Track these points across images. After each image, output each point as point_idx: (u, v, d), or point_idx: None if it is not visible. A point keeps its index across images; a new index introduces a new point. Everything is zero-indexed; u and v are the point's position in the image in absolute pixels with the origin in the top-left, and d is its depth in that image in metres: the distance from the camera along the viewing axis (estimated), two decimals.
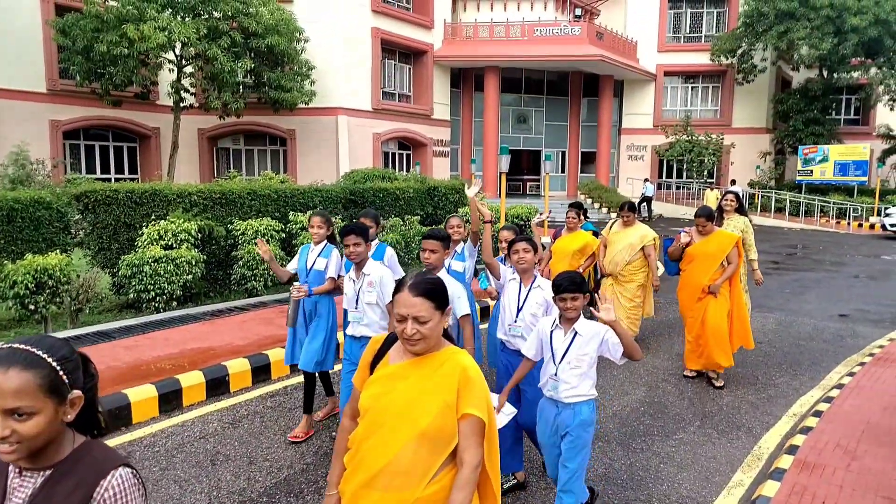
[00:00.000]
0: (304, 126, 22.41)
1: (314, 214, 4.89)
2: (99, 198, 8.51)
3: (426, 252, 4.05)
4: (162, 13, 15.99)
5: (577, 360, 3.25)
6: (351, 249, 4.08)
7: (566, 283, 3.24)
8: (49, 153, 18.14)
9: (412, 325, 2.01)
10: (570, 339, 3.28)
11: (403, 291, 2.05)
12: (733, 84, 29.68)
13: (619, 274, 7.00)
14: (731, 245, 5.95)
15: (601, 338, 3.23)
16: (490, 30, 26.77)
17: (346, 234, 4.09)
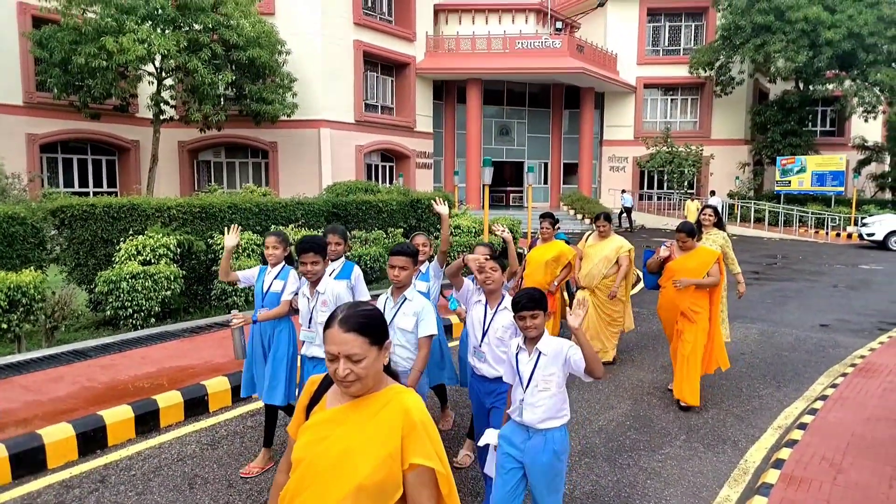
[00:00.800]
0: (286, 138, 22.29)
1: (268, 234, 4.65)
2: (75, 213, 8.36)
3: (395, 269, 3.82)
4: (141, 25, 15.82)
5: (544, 382, 3.11)
6: (309, 268, 3.94)
7: (525, 300, 3.10)
8: (25, 167, 17.84)
9: (345, 365, 1.79)
10: (535, 360, 3.14)
11: (333, 327, 1.82)
12: (712, 96, 30.11)
13: (597, 288, 6.91)
14: (713, 262, 5.78)
15: (564, 356, 3.10)
16: (472, 43, 26.92)
17: (304, 251, 3.91)
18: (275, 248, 4.59)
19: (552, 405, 3.12)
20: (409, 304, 3.79)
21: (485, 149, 28.10)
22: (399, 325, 3.76)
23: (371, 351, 1.82)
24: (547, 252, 6.99)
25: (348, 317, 1.83)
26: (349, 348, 1.79)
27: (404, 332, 3.77)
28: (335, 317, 1.84)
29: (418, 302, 3.78)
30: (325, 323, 1.85)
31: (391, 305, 3.84)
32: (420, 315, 3.72)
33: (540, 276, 6.86)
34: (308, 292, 4.12)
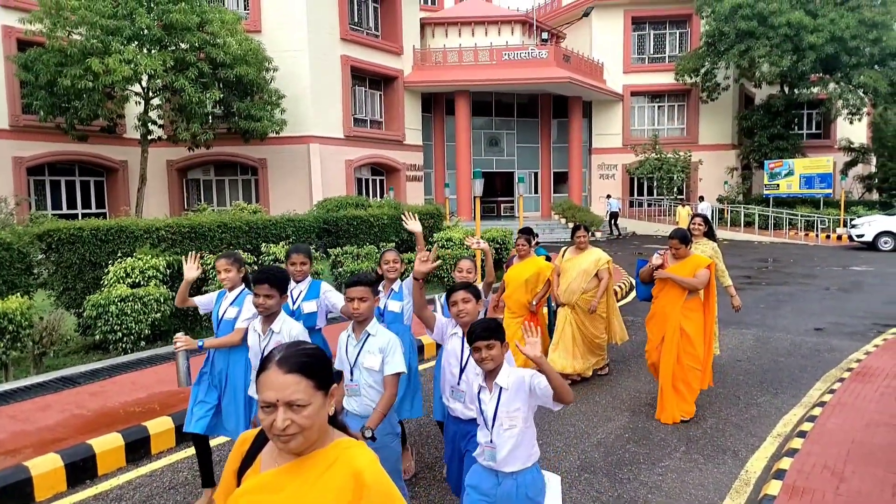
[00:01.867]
0: (275, 155, 22.24)
1: (219, 256, 4.26)
2: (62, 236, 8.26)
3: (353, 302, 3.38)
4: (127, 46, 15.78)
5: (509, 420, 2.84)
6: (261, 301, 3.55)
7: (479, 330, 2.85)
8: (12, 190, 17.69)
9: (284, 415, 1.50)
10: (497, 396, 2.88)
11: (270, 368, 1.54)
12: (698, 102, 30.34)
13: (577, 304, 6.65)
14: (702, 267, 5.59)
15: (528, 386, 2.82)
16: (459, 55, 27.04)
17: (258, 282, 3.56)
18: (227, 271, 4.21)
19: (520, 444, 2.87)
20: (373, 340, 3.40)
21: (474, 160, 28.15)
22: (365, 364, 3.36)
23: (316, 397, 1.55)
24: (525, 270, 6.63)
25: (288, 356, 1.57)
26: (290, 393, 1.51)
27: (371, 371, 3.35)
28: (272, 357, 1.57)
29: (383, 337, 3.40)
30: (260, 365, 1.57)
31: (354, 343, 3.42)
32: (386, 351, 3.36)
33: (521, 296, 6.54)
34: (260, 328, 3.70)
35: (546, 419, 5.70)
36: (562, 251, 7.01)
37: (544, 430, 5.44)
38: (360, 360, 3.38)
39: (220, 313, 4.20)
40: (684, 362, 5.61)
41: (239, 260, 4.29)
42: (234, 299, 4.19)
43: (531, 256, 6.78)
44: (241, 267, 4.27)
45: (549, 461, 4.82)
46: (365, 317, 3.40)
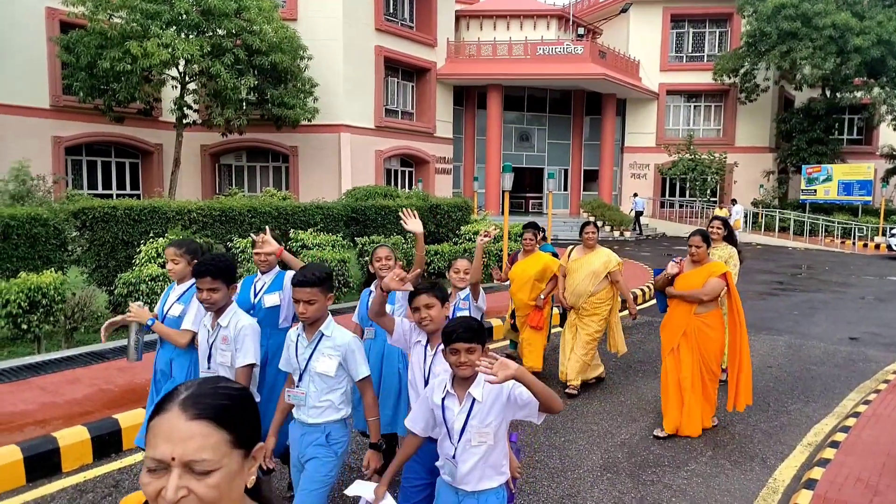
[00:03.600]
0: (306, 143, 22.38)
1: (169, 244, 3.79)
2: (97, 215, 8.41)
3: (300, 305, 2.92)
4: (166, 30, 15.98)
5: (479, 436, 2.53)
6: (205, 296, 3.16)
7: (460, 330, 2.51)
8: (51, 169, 18.07)
9: (179, 481, 1.03)
10: (468, 408, 2.56)
11: (169, 411, 1.08)
12: (736, 103, 29.71)
13: (582, 307, 6.26)
14: (715, 274, 5.17)
15: (506, 397, 2.51)
16: (493, 48, 26.86)
17: (199, 274, 3.16)
18: (174, 262, 3.70)
19: (487, 460, 2.57)
20: (328, 342, 3.00)
21: (504, 155, 28.00)
22: (318, 368, 2.97)
23: (230, 458, 1.09)
24: (531, 266, 6.50)
25: (198, 396, 1.10)
26: (193, 450, 1.05)
27: (324, 377, 2.97)
28: (174, 395, 1.11)
29: (340, 337, 3.01)
30: (156, 406, 1.11)
31: (305, 344, 3.03)
32: (345, 355, 2.98)
33: (526, 294, 6.46)
34: (210, 323, 3.32)
35: (569, 417, 5.63)
36: (568, 250, 6.56)
37: (567, 428, 5.37)
38: (311, 364, 2.98)
39: (164, 309, 3.72)
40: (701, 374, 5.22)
41: (192, 250, 3.76)
42: (182, 294, 3.69)
43: (537, 252, 6.65)
44: (193, 258, 3.67)
45: (571, 459, 4.75)
46: (313, 319, 2.98)
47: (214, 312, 3.28)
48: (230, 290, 3.26)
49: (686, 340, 5.23)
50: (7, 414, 4.96)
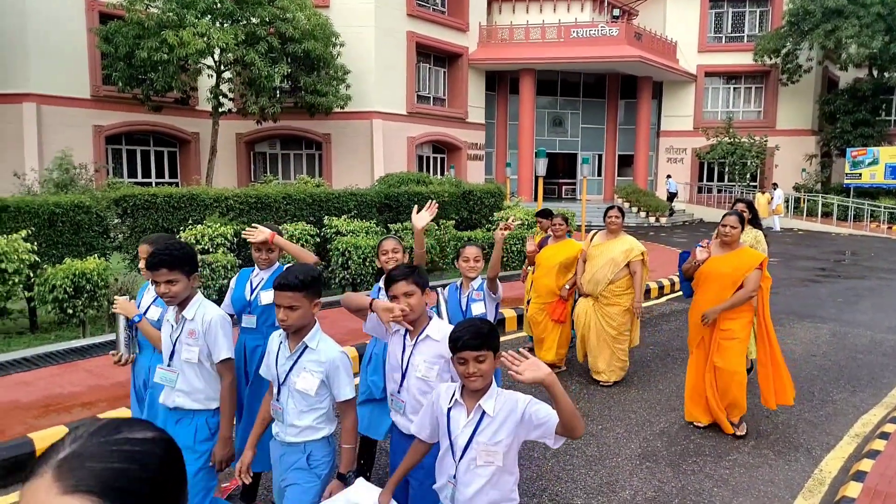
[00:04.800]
0: (339, 130, 22.48)
1: (143, 241, 3.52)
2: (138, 202, 8.58)
3: (280, 310, 2.62)
4: (201, 19, 16.16)
5: (486, 454, 2.23)
6: (162, 289, 2.84)
7: (468, 336, 2.21)
8: (92, 158, 18.51)
9: None
10: (476, 421, 2.26)
11: (42, 475, 0.77)
12: (777, 85, 28.80)
13: (600, 295, 5.97)
14: (752, 266, 4.76)
15: (521, 413, 2.21)
16: (526, 32, 26.51)
17: (153, 266, 2.84)
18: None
19: (494, 485, 2.26)
20: (311, 355, 2.68)
21: (537, 140, 27.71)
22: (297, 385, 2.65)
23: None
24: (559, 253, 6.28)
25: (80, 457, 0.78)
26: None
27: (304, 396, 2.65)
28: (52, 454, 0.79)
29: (325, 352, 2.68)
30: (30, 468, 0.79)
31: (286, 355, 2.71)
32: (329, 372, 2.66)
33: (552, 281, 6.24)
34: (173, 318, 3.01)
35: (605, 404, 5.57)
36: (590, 235, 6.30)
37: (603, 416, 5.31)
38: (290, 378, 2.69)
39: (142, 310, 3.46)
40: (726, 367, 4.80)
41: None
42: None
43: (567, 239, 6.44)
44: None
45: (609, 447, 4.70)
46: (295, 327, 2.67)
47: (178, 305, 2.96)
48: (191, 280, 2.93)
49: (706, 332, 4.92)
50: (56, 396, 5.12)
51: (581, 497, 3.98)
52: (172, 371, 2.97)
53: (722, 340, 4.84)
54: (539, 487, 4.08)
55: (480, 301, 4.00)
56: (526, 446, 4.64)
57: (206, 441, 2.94)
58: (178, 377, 2.94)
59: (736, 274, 4.75)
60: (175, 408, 2.95)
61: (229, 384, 2.97)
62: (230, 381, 2.98)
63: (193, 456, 2.87)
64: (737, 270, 4.75)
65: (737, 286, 4.75)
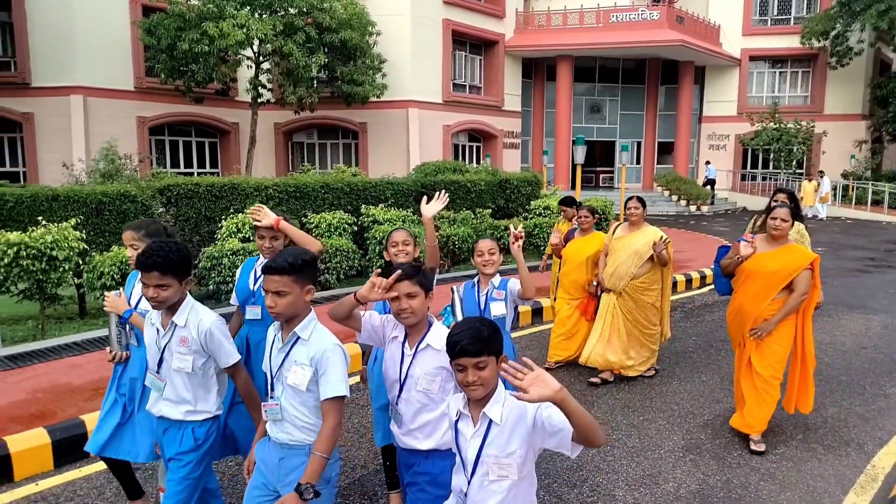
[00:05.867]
0: (375, 119, 22.55)
1: (127, 227, 3.31)
2: (181, 191, 8.76)
3: (268, 296, 2.44)
4: (240, 10, 16.37)
5: (498, 468, 2.04)
6: (151, 293, 2.61)
7: (466, 340, 2.01)
8: (136, 148, 18.97)
9: None
10: (483, 431, 2.07)
11: None
12: (826, 68, 27.78)
13: (623, 291, 5.65)
14: (802, 266, 4.35)
15: (531, 419, 2.00)
16: (563, 17, 26.10)
17: (145, 267, 2.59)
18: (133, 248, 3.22)
19: (515, 502, 2.07)
20: (302, 347, 2.47)
21: (574, 128, 27.32)
22: (289, 379, 2.46)
23: None
24: (588, 246, 6.02)
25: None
26: None
27: (297, 391, 2.45)
28: None
29: (318, 343, 2.46)
30: None
31: (279, 346, 2.53)
32: (320, 364, 2.42)
33: (581, 276, 6.01)
34: (160, 322, 2.77)
35: (647, 395, 5.48)
36: (612, 227, 5.94)
37: (645, 407, 5.23)
38: (282, 371, 2.50)
39: (131, 301, 3.28)
40: (762, 373, 4.47)
41: (153, 232, 3.25)
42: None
43: (594, 231, 6.17)
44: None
45: (651, 439, 4.62)
46: (285, 316, 2.47)
47: (166, 309, 2.73)
48: (184, 285, 2.69)
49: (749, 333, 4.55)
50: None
51: (622, 488, 3.93)
52: (160, 379, 2.78)
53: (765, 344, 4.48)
54: (579, 478, 4.04)
55: (501, 301, 3.71)
56: None
57: (191, 452, 2.73)
58: (165, 385, 2.75)
59: (783, 272, 4.36)
60: (162, 416, 2.79)
61: (244, 381, 2.84)
62: (244, 378, 2.84)
63: (177, 465, 2.72)
64: (784, 269, 4.36)
65: (783, 286, 4.38)
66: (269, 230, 3.45)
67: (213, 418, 2.81)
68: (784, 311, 4.37)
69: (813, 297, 4.49)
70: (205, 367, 2.75)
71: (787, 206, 4.57)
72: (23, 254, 6.32)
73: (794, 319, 4.48)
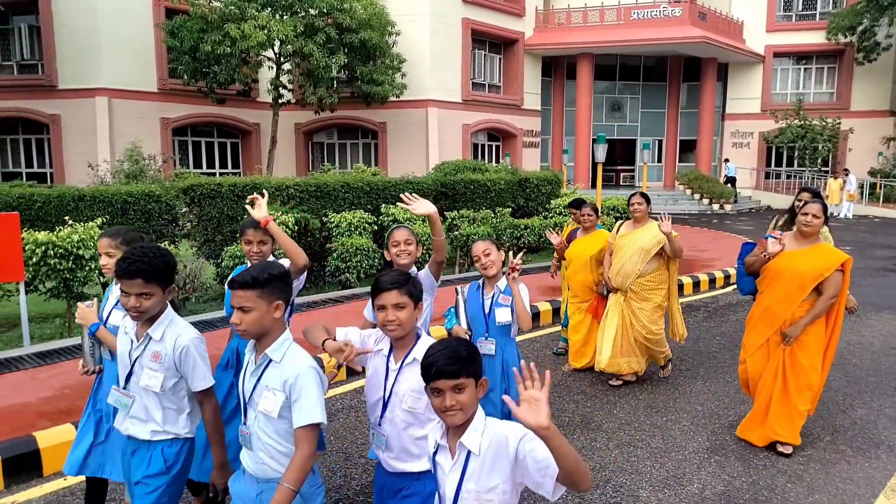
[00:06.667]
0: (394, 119, 22.62)
1: (102, 235, 3.09)
2: (204, 191, 8.85)
3: (235, 313, 2.24)
4: (261, 12, 16.53)
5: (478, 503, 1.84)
6: (132, 303, 2.40)
7: (442, 361, 1.81)
8: (159, 149, 19.26)
9: None
10: (462, 464, 1.86)
11: None
12: (852, 64, 27.26)
13: (629, 290, 5.46)
14: (833, 267, 4.13)
15: (512, 450, 1.78)
16: (584, 15, 25.93)
17: (127, 275, 2.38)
18: (109, 256, 2.97)
19: None
20: (274, 370, 2.26)
21: (595, 126, 27.15)
22: (261, 406, 2.25)
23: None
24: (591, 245, 5.86)
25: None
26: None
27: (269, 418, 2.24)
28: None
29: (291, 366, 2.24)
30: None
31: (252, 369, 2.33)
32: (293, 389, 2.21)
33: (586, 276, 5.85)
34: (135, 332, 2.55)
35: (671, 396, 5.41)
36: (616, 225, 5.79)
37: (668, 407, 5.17)
38: (254, 396, 2.29)
39: (104, 314, 3.03)
40: (792, 381, 4.28)
41: (130, 240, 3.03)
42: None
43: (597, 230, 6.00)
44: None
45: (675, 440, 4.57)
46: (253, 335, 2.27)
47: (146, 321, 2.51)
48: (167, 294, 2.50)
49: (776, 338, 4.33)
50: None
51: (647, 489, 3.88)
52: (128, 395, 2.54)
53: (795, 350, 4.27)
54: (602, 478, 4.01)
55: (507, 307, 3.55)
56: (583, 422, 4.56)
57: (160, 475, 2.51)
58: (133, 402, 2.53)
59: (814, 273, 4.13)
60: (130, 436, 2.57)
61: (213, 410, 2.57)
62: (213, 407, 2.58)
63: (144, 490, 2.49)
64: (815, 269, 4.13)
65: (813, 287, 4.16)
66: (256, 233, 3.24)
67: (185, 440, 2.59)
68: (811, 314, 4.18)
69: (842, 301, 4.27)
70: (175, 388, 2.52)
71: (819, 201, 4.33)
72: (50, 253, 6.44)
73: (822, 324, 4.26)
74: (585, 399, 5.28)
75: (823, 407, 5.16)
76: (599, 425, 4.78)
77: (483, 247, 3.60)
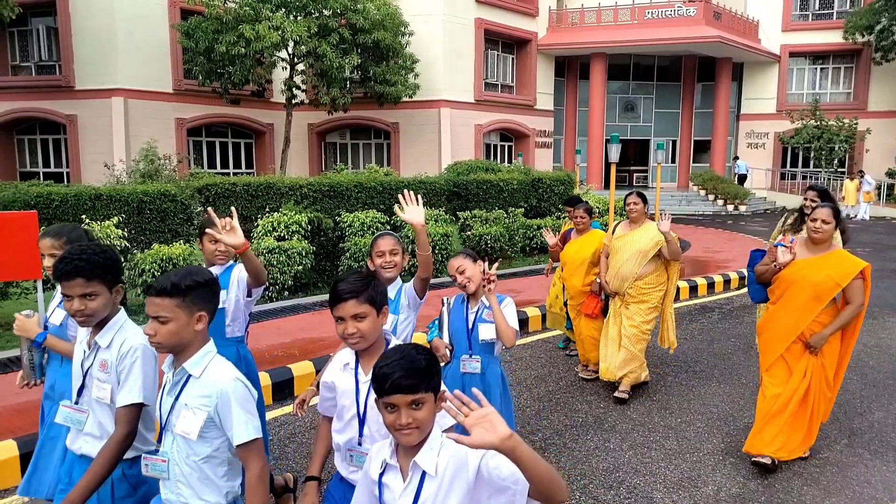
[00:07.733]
0: (407, 119, 22.66)
1: (44, 234, 2.85)
2: (219, 191, 8.93)
3: (150, 323, 1.99)
4: (276, 13, 16.62)
5: None
6: (76, 305, 2.19)
7: (398, 374, 1.62)
8: (175, 149, 19.40)
9: None
10: (416, 486, 1.67)
11: None
12: (870, 64, 26.92)
13: (627, 292, 5.28)
14: (850, 276, 3.91)
15: (473, 470, 1.62)
16: (597, 15, 25.82)
17: (65, 275, 2.17)
18: (53, 257, 2.75)
19: None
20: (193, 386, 2.03)
21: (608, 126, 27.03)
22: (178, 427, 2.02)
23: None
24: (585, 247, 5.70)
25: None
26: None
27: (188, 441, 2.01)
28: None
29: (215, 379, 2.03)
30: None
31: (168, 388, 2.10)
32: (219, 407, 2.00)
33: (580, 279, 5.67)
34: (87, 340, 2.36)
35: (685, 398, 5.38)
36: (612, 226, 5.60)
37: (682, 409, 5.14)
38: (171, 418, 2.05)
39: (48, 314, 2.87)
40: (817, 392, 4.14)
41: (75, 238, 2.80)
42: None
43: (591, 231, 5.81)
44: None
45: (689, 442, 4.54)
46: (170, 349, 2.02)
47: (95, 326, 2.30)
48: (114, 294, 2.28)
49: (792, 349, 4.11)
50: None
51: (661, 491, 3.86)
52: (80, 411, 2.33)
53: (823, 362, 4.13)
54: (616, 480, 3.99)
55: (491, 324, 3.28)
56: (597, 423, 4.54)
57: (126, 498, 2.28)
58: (86, 418, 2.31)
59: (829, 283, 3.92)
60: (81, 454, 2.33)
61: (122, 437, 2.17)
62: (125, 434, 2.17)
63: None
64: (830, 279, 3.92)
65: (830, 298, 3.95)
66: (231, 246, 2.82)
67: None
68: (837, 322, 3.99)
69: (863, 310, 4.09)
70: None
71: (829, 205, 4.12)
72: None
73: (839, 333, 4.12)
74: (599, 400, 5.26)
75: (840, 410, 5.11)
76: (613, 426, 4.76)
77: (456, 264, 3.32)
